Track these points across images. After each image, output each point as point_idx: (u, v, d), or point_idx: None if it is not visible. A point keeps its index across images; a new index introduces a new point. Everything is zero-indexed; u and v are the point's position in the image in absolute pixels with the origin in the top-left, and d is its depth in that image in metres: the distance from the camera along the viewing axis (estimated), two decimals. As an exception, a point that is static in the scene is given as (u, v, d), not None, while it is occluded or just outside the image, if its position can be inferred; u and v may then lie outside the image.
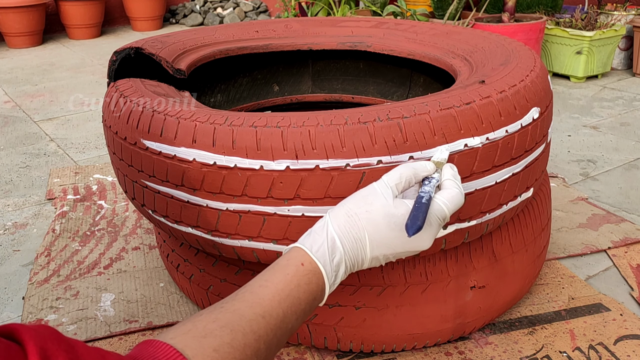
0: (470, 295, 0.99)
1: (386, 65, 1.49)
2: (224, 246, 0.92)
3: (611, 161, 1.89)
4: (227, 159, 0.83)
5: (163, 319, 1.15)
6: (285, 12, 3.33)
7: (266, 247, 0.88)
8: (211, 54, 1.29)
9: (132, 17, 4.48)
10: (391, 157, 0.81)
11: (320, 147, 0.81)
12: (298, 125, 0.82)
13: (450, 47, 1.24)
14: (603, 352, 1.04)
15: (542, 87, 0.97)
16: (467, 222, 0.89)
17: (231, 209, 0.86)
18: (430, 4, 3.27)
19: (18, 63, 3.52)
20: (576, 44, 2.75)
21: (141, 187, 0.97)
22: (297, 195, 0.83)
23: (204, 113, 0.88)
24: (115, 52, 1.11)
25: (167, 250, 1.16)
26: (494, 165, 0.87)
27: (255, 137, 0.82)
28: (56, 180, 1.81)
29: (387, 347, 1.01)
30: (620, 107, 2.46)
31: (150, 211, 0.99)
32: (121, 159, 0.99)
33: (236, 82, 1.49)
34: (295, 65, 1.54)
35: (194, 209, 0.90)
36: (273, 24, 1.47)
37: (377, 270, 0.94)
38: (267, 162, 0.82)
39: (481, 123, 0.85)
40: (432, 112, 0.83)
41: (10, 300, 1.24)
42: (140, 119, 0.92)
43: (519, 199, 0.95)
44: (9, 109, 2.61)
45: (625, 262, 1.31)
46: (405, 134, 0.81)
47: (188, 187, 0.88)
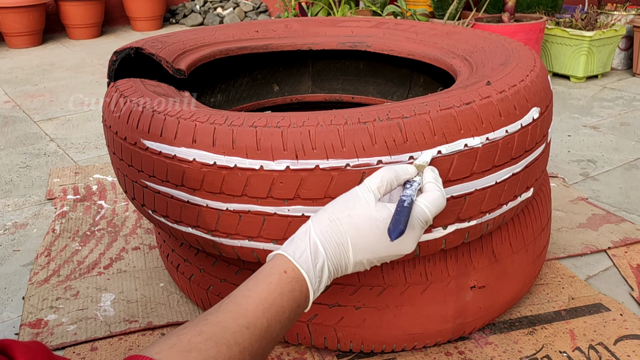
0: (470, 295, 0.99)
1: (386, 65, 1.49)
2: (224, 246, 0.91)
3: (611, 161, 1.89)
4: (227, 159, 0.83)
5: (163, 319, 1.15)
6: (285, 12, 3.33)
7: (266, 247, 0.88)
8: (211, 54, 1.29)
9: (132, 17, 4.48)
10: (391, 157, 0.81)
11: (320, 147, 0.81)
12: (298, 125, 0.82)
13: (450, 47, 1.24)
14: (603, 352, 1.04)
15: (542, 87, 0.97)
16: (467, 222, 0.89)
17: (231, 209, 0.86)
18: (430, 4, 3.27)
19: (18, 63, 3.52)
20: (576, 44, 2.75)
21: (141, 187, 0.97)
22: (297, 195, 0.83)
23: (203, 113, 0.88)
24: (115, 52, 1.11)
25: (167, 250, 1.16)
26: (494, 166, 0.87)
27: (255, 137, 0.82)
28: (56, 180, 1.81)
29: (387, 347, 1.01)
30: (620, 107, 2.46)
31: (150, 211, 0.99)
32: (121, 159, 0.99)
33: (236, 82, 1.49)
34: (296, 65, 1.54)
35: (194, 209, 0.90)
36: (273, 24, 1.47)
37: (377, 270, 0.94)
38: (267, 162, 0.82)
39: (481, 123, 0.85)
40: (432, 112, 0.83)
41: (10, 300, 1.24)
42: (140, 119, 0.92)
43: (519, 199, 0.95)
44: (9, 109, 2.61)
45: (625, 262, 1.31)
46: (405, 134, 0.81)
47: (188, 187, 0.88)
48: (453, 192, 0.85)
